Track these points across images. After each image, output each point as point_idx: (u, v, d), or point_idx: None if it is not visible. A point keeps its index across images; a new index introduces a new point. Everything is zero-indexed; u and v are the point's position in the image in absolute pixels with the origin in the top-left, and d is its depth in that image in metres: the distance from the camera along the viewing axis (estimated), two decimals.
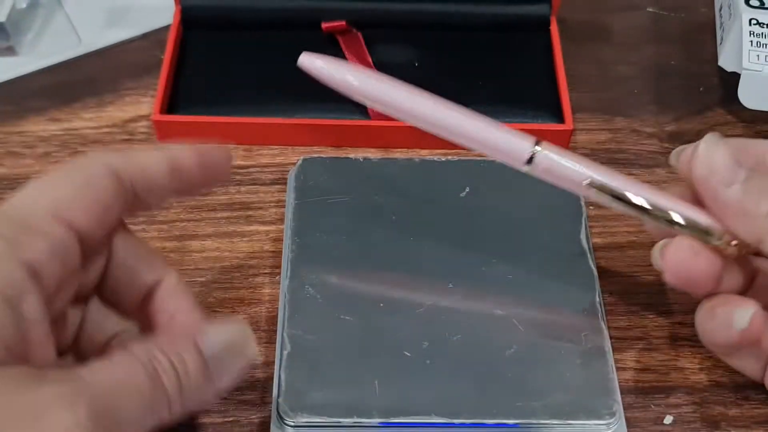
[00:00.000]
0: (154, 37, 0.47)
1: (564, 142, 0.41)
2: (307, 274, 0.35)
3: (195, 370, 0.26)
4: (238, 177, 0.41)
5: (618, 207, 0.31)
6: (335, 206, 0.37)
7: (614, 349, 0.35)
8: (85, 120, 0.43)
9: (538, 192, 0.36)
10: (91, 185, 0.27)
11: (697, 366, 0.35)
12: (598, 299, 0.35)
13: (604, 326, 0.34)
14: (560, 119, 0.41)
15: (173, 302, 0.29)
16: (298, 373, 0.32)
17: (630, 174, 0.41)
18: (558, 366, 0.33)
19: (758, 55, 0.39)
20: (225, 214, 0.39)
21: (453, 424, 0.31)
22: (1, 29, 0.45)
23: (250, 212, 0.39)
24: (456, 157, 0.39)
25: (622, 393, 0.34)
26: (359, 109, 0.41)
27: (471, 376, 0.32)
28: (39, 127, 0.43)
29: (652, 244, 0.38)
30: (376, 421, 0.31)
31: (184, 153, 0.29)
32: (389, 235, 0.36)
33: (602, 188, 0.31)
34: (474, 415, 0.31)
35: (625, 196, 0.31)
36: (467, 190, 0.37)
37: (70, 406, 0.22)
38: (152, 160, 0.28)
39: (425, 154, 0.41)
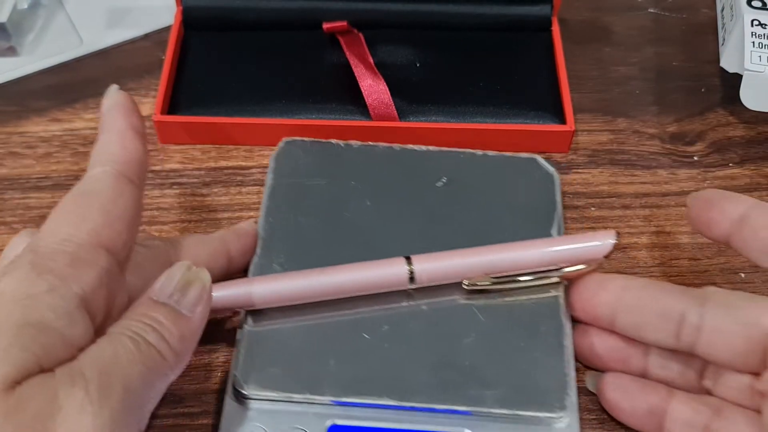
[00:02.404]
0: (156, 37, 0.46)
1: (566, 142, 0.41)
2: (276, 253, 0.35)
3: (165, 316, 0.28)
4: (238, 177, 0.41)
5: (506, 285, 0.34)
6: (312, 189, 0.37)
7: None
8: (87, 120, 0.43)
9: (513, 185, 0.37)
10: (114, 203, 0.28)
11: None
12: (561, 295, 0.34)
13: (565, 322, 0.34)
14: (561, 120, 0.41)
15: None
16: (256, 348, 0.33)
17: (632, 175, 0.41)
18: (515, 357, 0.33)
19: (760, 56, 0.39)
20: (226, 215, 0.39)
21: (404, 407, 0.32)
22: (3, 29, 0.45)
23: (251, 213, 0.39)
24: (436, 148, 0.39)
25: None
26: (360, 109, 0.41)
27: (427, 362, 0.33)
28: (40, 127, 0.43)
29: (653, 245, 0.39)
30: (328, 398, 0.32)
31: None
32: (362, 219, 0.36)
33: (477, 284, 0.34)
34: (426, 399, 0.32)
35: (504, 280, 0.34)
36: (444, 180, 0.38)
37: (76, 387, 0.24)
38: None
39: None
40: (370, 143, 0.39)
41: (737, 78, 0.40)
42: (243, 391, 0.32)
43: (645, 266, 0.38)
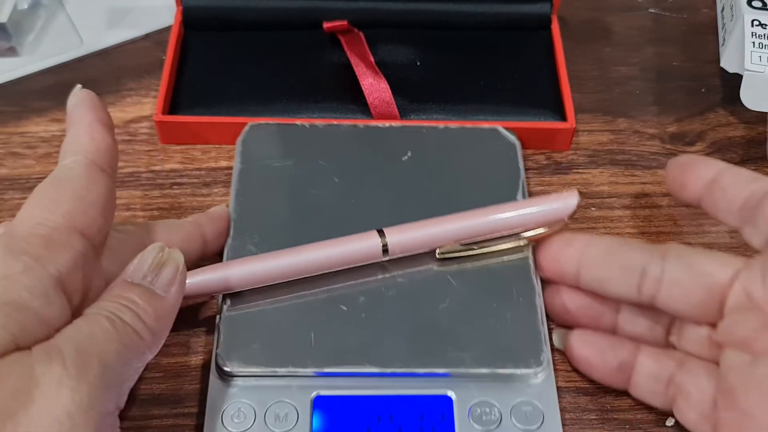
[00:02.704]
0: (156, 37, 0.46)
1: (567, 140, 0.41)
2: (250, 234, 0.36)
3: (139, 296, 0.28)
4: None
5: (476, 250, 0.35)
6: (280, 170, 0.38)
7: None
8: None
9: (476, 156, 0.38)
10: (88, 189, 0.29)
11: None
12: (530, 256, 0.35)
13: (535, 282, 0.35)
14: (562, 117, 0.41)
15: None
16: (237, 326, 0.33)
17: (632, 175, 0.41)
18: (489, 319, 0.34)
19: (760, 56, 0.39)
20: None
21: (385, 373, 0.32)
22: (3, 30, 0.45)
23: None
24: (399, 124, 0.40)
25: (624, 394, 0.34)
26: (361, 108, 0.41)
27: (405, 329, 0.33)
28: (40, 127, 0.43)
29: (652, 241, 0.38)
30: (311, 370, 0.32)
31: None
32: (331, 196, 0.37)
33: (451, 250, 0.35)
34: (407, 364, 0.32)
35: (474, 246, 0.35)
36: (409, 154, 0.38)
37: (53, 362, 0.25)
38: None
39: None
40: (335, 123, 0.40)
41: (737, 78, 0.40)
42: (226, 369, 0.32)
43: None
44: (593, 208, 0.40)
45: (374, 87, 0.41)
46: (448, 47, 0.44)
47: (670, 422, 0.33)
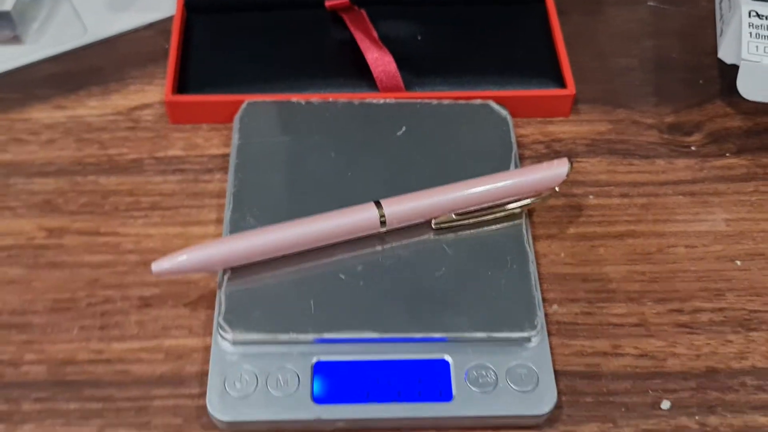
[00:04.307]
0: (160, 26, 0.47)
1: (566, 106, 0.42)
2: (249, 206, 0.36)
3: None
4: None
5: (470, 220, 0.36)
6: (277, 146, 0.39)
7: (613, 335, 0.36)
8: (90, 108, 0.43)
9: (469, 130, 0.40)
10: None
11: (695, 352, 0.35)
12: (524, 225, 0.36)
13: (529, 249, 0.36)
14: (562, 84, 0.42)
15: None
16: (237, 294, 0.34)
17: (630, 164, 0.41)
18: (484, 285, 0.35)
19: (757, 47, 0.39)
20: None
21: (384, 339, 0.33)
22: (7, 18, 0.45)
23: None
24: (394, 100, 0.41)
25: (620, 378, 0.34)
26: (367, 82, 0.42)
27: (402, 296, 0.34)
28: (44, 114, 0.43)
29: (650, 232, 0.39)
30: (311, 336, 0.33)
31: None
32: (328, 170, 0.38)
33: (446, 220, 0.36)
34: (404, 330, 0.33)
35: (469, 215, 0.36)
36: (403, 129, 0.39)
37: None
38: None
39: None
40: (330, 99, 0.41)
41: (736, 70, 0.40)
42: (228, 336, 0.33)
43: (642, 253, 0.38)
44: (591, 197, 0.40)
45: (379, 61, 0.42)
46: (448, 21, 0.45)
47: (665, 405, 0.34)
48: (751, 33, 0.40)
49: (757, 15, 0.40)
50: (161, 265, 0.34)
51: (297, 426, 0.33)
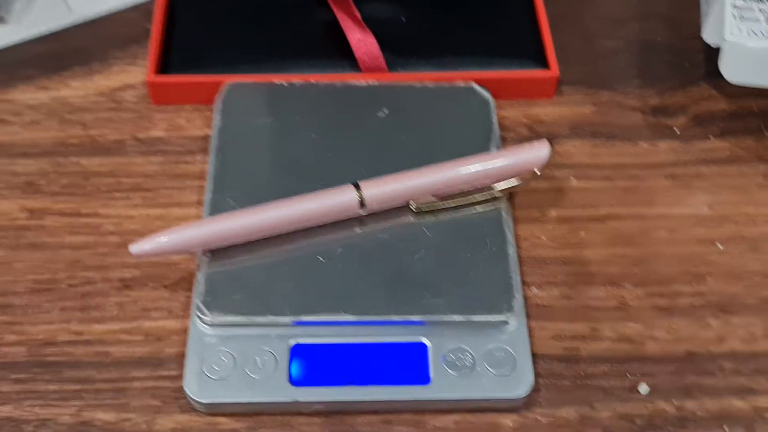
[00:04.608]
0: (144, 7, 0.46)
1: (550, 88, 0.42)
2: (229, 189, 0.36)
3: None
4: None
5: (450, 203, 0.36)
6: (258, 127, 0.39)
7: (592, 319, 0.36)
8: (73, 89, 0.43)
9: (451, 112, 0.40)
10: None
11: (674, 336, 0.35)
12: (504, 208, 0.37)
13: (508, 233, 0.36)
14: (545, 65, 0.42)
15: None
16: (216, 276, 0.34)
17: (613, 147, 0.41)
18: (463, 268, 0.35)
19: (740, 28, 0.39)
20: None
21: (362, 322, 0.33)
22: None
23: None
24: (376, 82, 0.41)
25: (598, 362, 0.35)
26: (350, 63, 0.42)
27: (381, 279, 0.34)
28: (27, 95, 0.43)
29: (632, 216, 0.39)
30: (289, 319, 0.33)
31: None
32: (309, 151, 0.38)
33: (426, 205, 0.36)
34: (382, 313, 0.33)
35: (449, 198, 0.36)
36: (385, 111, 0.39)
37: None
38: None
39: None
40: (312, 81, 0.40)
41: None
42: (206, 318, 0.33)
43: (623, 235, 0.38)
44: (573, 180, 0.40)
45: (362, 42, 0.42)
46: (432, 2, 0.45)
47: (643, 389, 0.34)
48: (734, 14, 0.39)
49: None
50: (141, 246, 0.34)
51: (274, 408, 0.33)
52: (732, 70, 0.39)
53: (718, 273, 0.37)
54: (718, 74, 0.40)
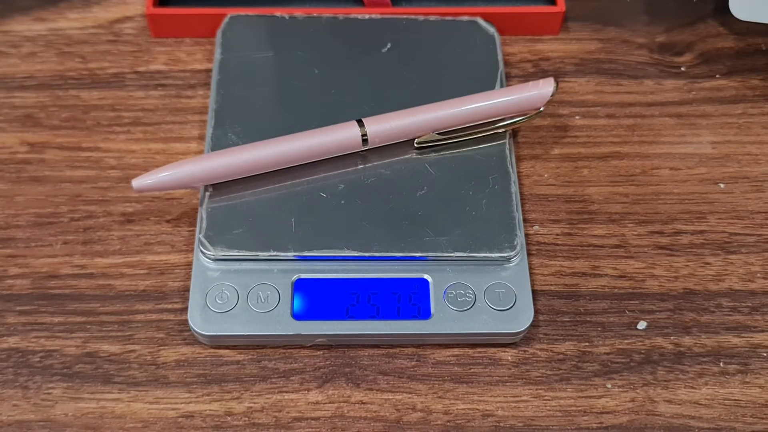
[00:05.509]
0: None
1: (556, 24, 0.42)
2: (231, 124, 0.36)
3: None
4: None
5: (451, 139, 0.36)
6: (260, 61, 0.38)
7: (592, 256, 0.36)
8: (71, 20, 0.42)
9: (456, 47, 0.39)
10: None
11: (673, 274, 0.36)
12: (507, 144, 0.36)
13: (511, 170, 0.36)
14: (551, 1, 0.42)
15: None
16: (219, 212, 0.34)
17: (618, 84, 0.41)
18: (465, 206, 0.35)
19: None
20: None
21: (364, 257, 0.34)
22: None
23: None
24: (379, 15, 0.40)
25: (598, 298, 0.35)
26: None
27: (383, 215, 0.34)
28: (24, 26, 0.42)
29: (636, 154, 0.39)
30: (291, 254, 0.33)
31: None
32: (311, 86, 0.38)
33: (429, 139, 0.36)
34: (384, 249, 0.34)
35: (452, 134, 0.36)
36: (389, 45, 0.39)
37: None
38: None
39: None
40: (315, 14, 0.40)
41: None
42: (209, 252, 0.33)
43: (626, 174, 0.38)
44: (577, 117, 0.40)
45: None
46: None
47: (641, 325, 0.34)
48: None
49: None
50: (143, 181, 0.34)
51: (277, 341, 0.33)
52: (741, 7, 0.38)
53: (719, 212, 0.37)
54: (726, 11, 0.40)
